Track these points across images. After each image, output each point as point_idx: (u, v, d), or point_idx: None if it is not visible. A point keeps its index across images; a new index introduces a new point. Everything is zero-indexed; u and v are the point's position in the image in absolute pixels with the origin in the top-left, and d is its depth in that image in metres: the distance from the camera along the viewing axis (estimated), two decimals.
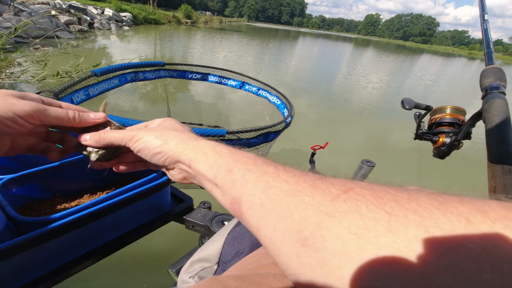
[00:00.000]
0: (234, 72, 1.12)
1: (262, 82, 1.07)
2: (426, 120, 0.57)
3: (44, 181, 0.46)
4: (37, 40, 3.87)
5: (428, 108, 0.50)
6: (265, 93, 1.05)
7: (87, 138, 0.33)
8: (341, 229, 0.16)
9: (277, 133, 0.75)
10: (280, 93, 0.99)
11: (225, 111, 1.38)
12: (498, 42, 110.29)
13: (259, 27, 58.51)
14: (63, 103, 0.35)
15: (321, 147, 1.48)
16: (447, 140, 0.46)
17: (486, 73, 0.48)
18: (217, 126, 1.40)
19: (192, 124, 1.42)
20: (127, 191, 0.44)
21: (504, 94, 0.45)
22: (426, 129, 0.53)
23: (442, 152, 0.47)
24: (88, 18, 10.46)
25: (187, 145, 0.28)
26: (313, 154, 1.50)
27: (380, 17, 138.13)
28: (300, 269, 0.17)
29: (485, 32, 0.54)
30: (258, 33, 27.45)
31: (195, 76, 1.09)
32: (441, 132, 0.48)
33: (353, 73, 8.88)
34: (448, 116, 0.48)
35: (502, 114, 0.39)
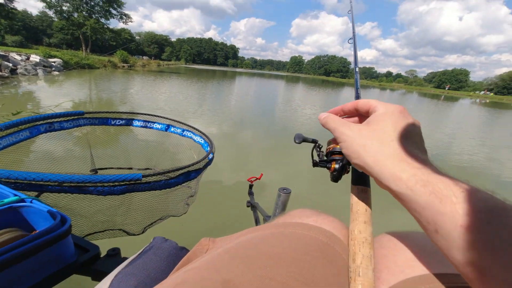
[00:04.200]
0: (157, 116, 1.17)
1: (185, 124, 1.14)
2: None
3: None
4: None
5: (314, 141, 0.57)
6: (190, 134, 1.11)
7: None
8: None
9: (198, 171, 0.81)
10: (202, 133, 1.07)
11: (156, 153, 1.38)
12: (399, 75, 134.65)
13: (197, 68, 60.22)
14: None
15: (257, 179, 1.56)
16: (337, 166, 0.51)
17: None
18: (148, 169, 1.38)
19: (121, 168, 1.38)
20: (16, 247, 0.39)
21: None
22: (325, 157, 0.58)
23: (335, 177, 0.53)
24: (10, 65, 9.83)
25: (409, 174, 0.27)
26: (250, 186, 1.56)
27: (303, 58, 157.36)
28: None
29: (356, 79, 0.69)
30: (197, 74, 28.18)
31: (119, 122, 1.10)
32: (333, 160, 0.53)
33: (291, 106, 9.71)
34: (338, 146, 0.52)
35: None
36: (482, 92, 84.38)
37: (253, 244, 0.34)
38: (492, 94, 79.84)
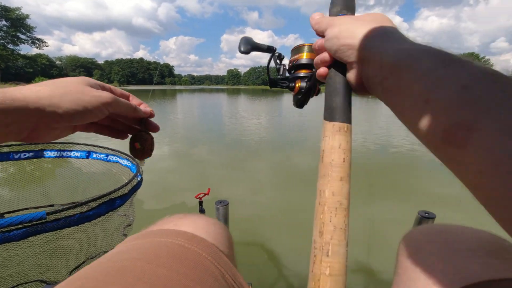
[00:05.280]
0: (73, 143, 1.03)
1: (108, 148, 1.03)
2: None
3: None
4: None
5: (270, 50, 0.43)
6: (115, 158, 1.01)
7: None
8: None
9: (124, 197, 0.73)
10: (128, 155, 0.98)
11: (81, 184, 1.23)
12: None
13: (134, 89, 56.76)
14: (130, 95, 0.40)
15: (205, 194, 1.49)
16: (303, 84, 0.39)
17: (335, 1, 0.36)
18: (74, 203, 1.21)
19: (39, 207, 1.18)
20: None
21: None
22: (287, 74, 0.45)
23: (299, 101, 0.41)
24: None
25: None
26: (200, 203, 1.48)
27: (239, 70, 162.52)
28: None
29: None
30: (135, 94, 26.53)
31: (25, 155, 0.94)
32: (297, 78, 0.40)
33: (236, 118, 9.77)
34: (304, 57, 0.40)
35: None
36: None
37: (115, 254, 0.33)
38: None
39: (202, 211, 1.47)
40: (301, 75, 0.39)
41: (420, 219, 0.84)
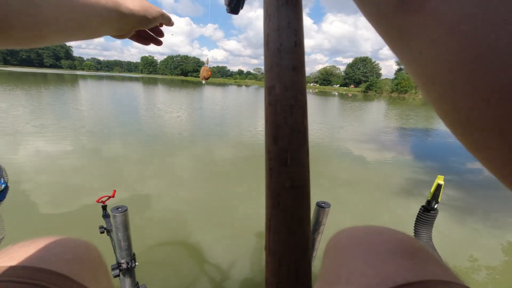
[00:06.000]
0: None
1: None
2: None
3: None
4: None
5: None
6: None
7: None
8: None
9: None
10: None
11: None
12: (249, 73, 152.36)
13: (16, 71, 45.80)
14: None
15: (109, 197, 1.28)
16: None
17: None
18: None
19: None
20: None
21: None
22: None
23: (232, 3, 0.38)
24: None
25: None
26: (104, 207, 1.26)
27: (155, 58, 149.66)
28: None
29: None
30: (17, 79, 21.36)
31: None
32: None
33: (153, 111, 9.01)
34: None
35: None
36: (312, 84, 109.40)
37: None
38: (318, 85, 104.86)
39: (106, 216, 1.27)
40: None
41: (318, 210, 0.92)
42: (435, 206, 1.36)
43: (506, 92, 0.09)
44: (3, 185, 0.66)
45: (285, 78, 0.17)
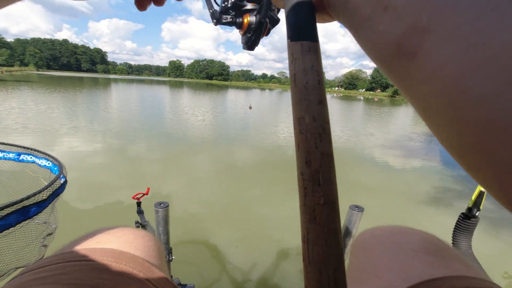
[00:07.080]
0: None
1: (18, 146, 0.83)
2: None
3: None
4: None
5: None
6: (31, 158, 0.83)
7: None
8: None
9: (42, 204, 0.58)
10: (46, 154, 0.82)
11: None
12: (272, 77, 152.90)
13: (57, 76, 49.67)
14: None
15: (144, 194, 1.35)
16: (252, 19, 0.32)
17: None
18: None
19: None
20: None
21: None
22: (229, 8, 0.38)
23: (249, 41, 0.34)
24: None
25: None
26: (138, 204, 1.33)
27: (182, 62, 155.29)
28: None
29: None
30: (58, 83, 23.13)
31: None
32: (245, 11, 0.34)
33: (182, 111, 9.29)
34: None
35: None
36: (336, 88, 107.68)
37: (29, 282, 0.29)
38: (343, 89, 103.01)
39: (140, 212, 1.33)
40: (249, 7, 0.33)
41: (351, 213, 0.92)
42: (476, 214, 1.25)
43: (479, 126, 0.11)
44: (63, 179, 0.73)
45: (312, 110, 0.20)
